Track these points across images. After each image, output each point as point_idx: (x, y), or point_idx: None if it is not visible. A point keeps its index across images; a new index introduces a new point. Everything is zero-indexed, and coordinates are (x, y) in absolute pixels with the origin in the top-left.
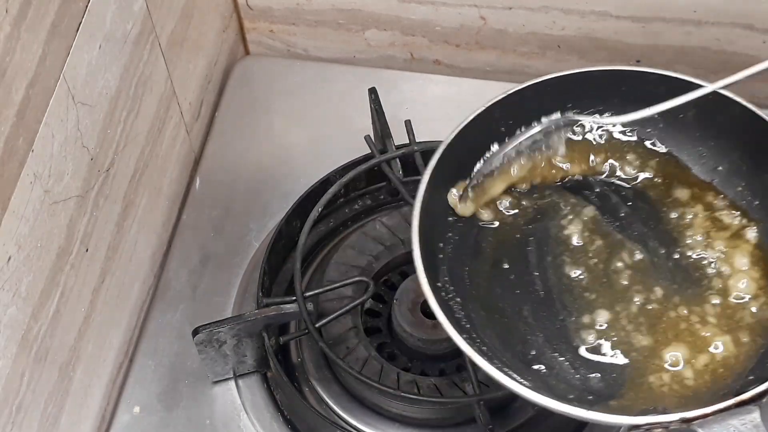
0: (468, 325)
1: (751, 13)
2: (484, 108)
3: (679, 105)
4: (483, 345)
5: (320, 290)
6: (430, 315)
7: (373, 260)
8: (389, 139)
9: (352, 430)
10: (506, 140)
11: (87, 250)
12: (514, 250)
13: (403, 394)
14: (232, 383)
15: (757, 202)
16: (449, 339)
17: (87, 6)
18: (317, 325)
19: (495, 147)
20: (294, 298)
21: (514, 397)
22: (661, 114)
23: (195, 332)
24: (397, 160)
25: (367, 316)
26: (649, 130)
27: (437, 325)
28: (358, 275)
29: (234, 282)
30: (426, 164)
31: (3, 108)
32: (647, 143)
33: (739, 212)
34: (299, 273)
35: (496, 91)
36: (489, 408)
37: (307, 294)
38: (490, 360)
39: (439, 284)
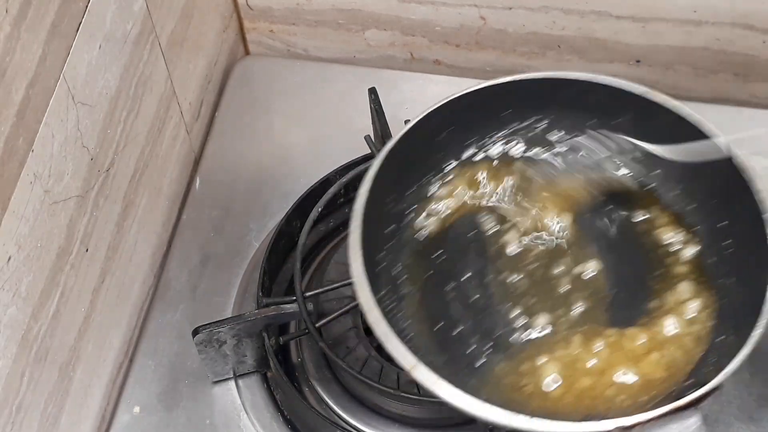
0: (411, 336)
1: (751, 13)
2: (420, 118)
3: (615, 110)
4: (424, 356)
5: (320, 290)
6: None
7: None
8: (389, 139)
9: (352, 430)
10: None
11: (87, 250)
12: (452, 259)
13: (403, 394)
14: (232, 383)
15: (694, 206)
16: None
17: (87, 6)
18: (317, 325)
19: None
20: (294, 298)
21: None
22: (595, 122)
23: (195, 332)
24: None
25: None
26: (580, 137)
27: None
28: None
29: (234, 282)
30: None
31: (3, 108)
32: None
33: (681, 228)
34: (299, 273)
35: None
36: None
37: (307, 294)
38: (434, 370)
39: (380, 296)
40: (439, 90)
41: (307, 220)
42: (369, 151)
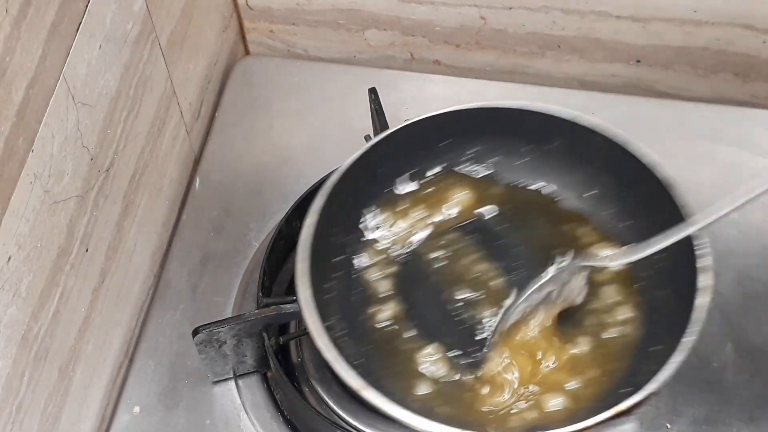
0: (357, 362)
1: (751, 13)
2: (361, 152)
3: (546, 135)
4: (372, 378)
5: None
6: None
7: None
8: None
9: (352, 430)
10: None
11: (87, 250)
12: (400, 286)
13: None
14: (232, 383)
15: (627, 223)
16: None
17: (87, 6)
18: None
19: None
20: (294, 298)
21: None
22: (530, 148)
23: (195, 332)
24: None
25: None
26: (516, 163)
27: None
28: None
29: (234, 282)
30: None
31: (3, 108)
32: (514, 183)
33: (609, 243)
34: None
35: (495, 90)
36: None
37: None
38: (380, 391)
39: (329, 323)
40: (438, 90)
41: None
42: None
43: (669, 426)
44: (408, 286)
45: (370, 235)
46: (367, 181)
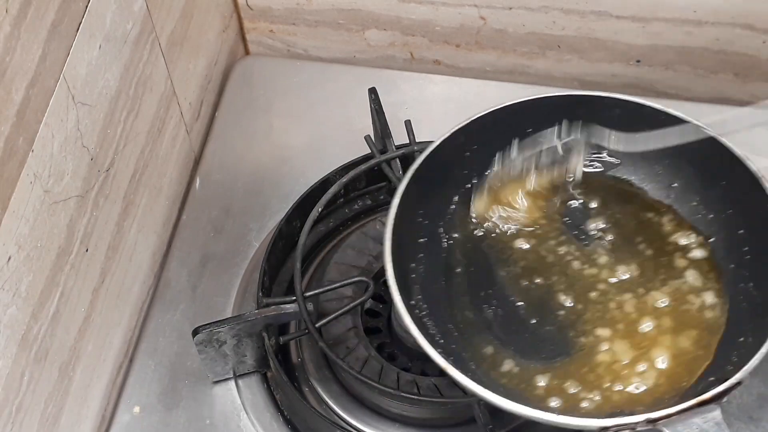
0: (442, 341)
1: (751, 13)
2: (449, 134)
3: (633, 128)
4: (455, 357)
5: (320, 290)
6: None
7: (373, 260)
8: (389, 139)
9: (352, 430)
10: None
11: (87, 250)
12: (483, 267)
13: (403, 394)
14: (232, 383)
15: (711, 216)
16: None
17: (87, 6)
18: (317, 325)
19: (514, 151)
20: (294, 298)
21: None
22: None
23: (195, 332)
24: (397, 160)
25: (367, 316)
26: (604, 155)
27: None
28: (358, 275)
29: (234, 282)
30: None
31: (3, 108)
32: (609, 171)
33: (692, 232)
34: (299, 273)
35: (495, 90)
36: (488, 408)
37: (307, 294)
38: (464, 371)
39: (412, 302)
40: (438, 90)
41: (307, 220)
42: (369, 151)
43: None
44: (491, 267)
45: (453, 219)
46: (449, 166)
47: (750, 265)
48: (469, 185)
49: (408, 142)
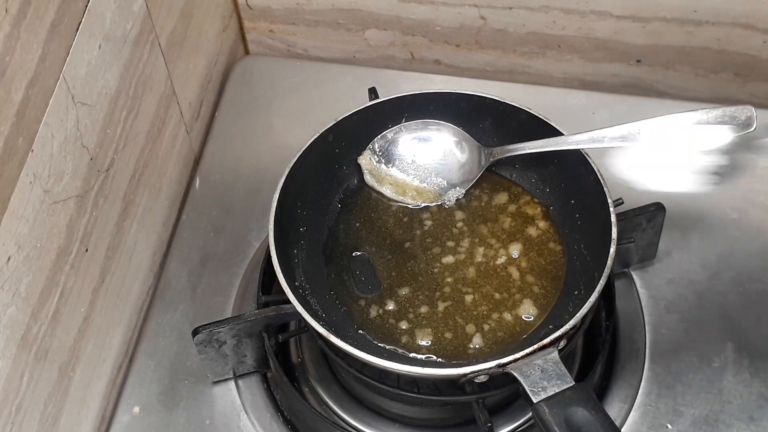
0: (323, 314)
1: (751, 13)
2: (318, 135)
3: (476, 115)
4: (334, 327)
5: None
6: None
7: None
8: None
9: (352, 430)
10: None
11: (87, 250)
12: (353, 242)
13: (403, 393)
14: (232, 383)
15: (548, 189)
16: None
17: (87, 6)
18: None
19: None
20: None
21: (514, 396)
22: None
23: (195, 332)
24: None
25: None
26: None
27: None
28: None
29: (234, 282)
30: None
31: (3, 108)
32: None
33: (536, 204)
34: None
35: (495, 90)
36: (488, 407)
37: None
38: (343, 338)
39: (296, 283)
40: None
41: None
42: None
43: (669, 426)
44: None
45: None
46: (325, 160)
47: (579, 228)
48: (342, 177)
49: None
